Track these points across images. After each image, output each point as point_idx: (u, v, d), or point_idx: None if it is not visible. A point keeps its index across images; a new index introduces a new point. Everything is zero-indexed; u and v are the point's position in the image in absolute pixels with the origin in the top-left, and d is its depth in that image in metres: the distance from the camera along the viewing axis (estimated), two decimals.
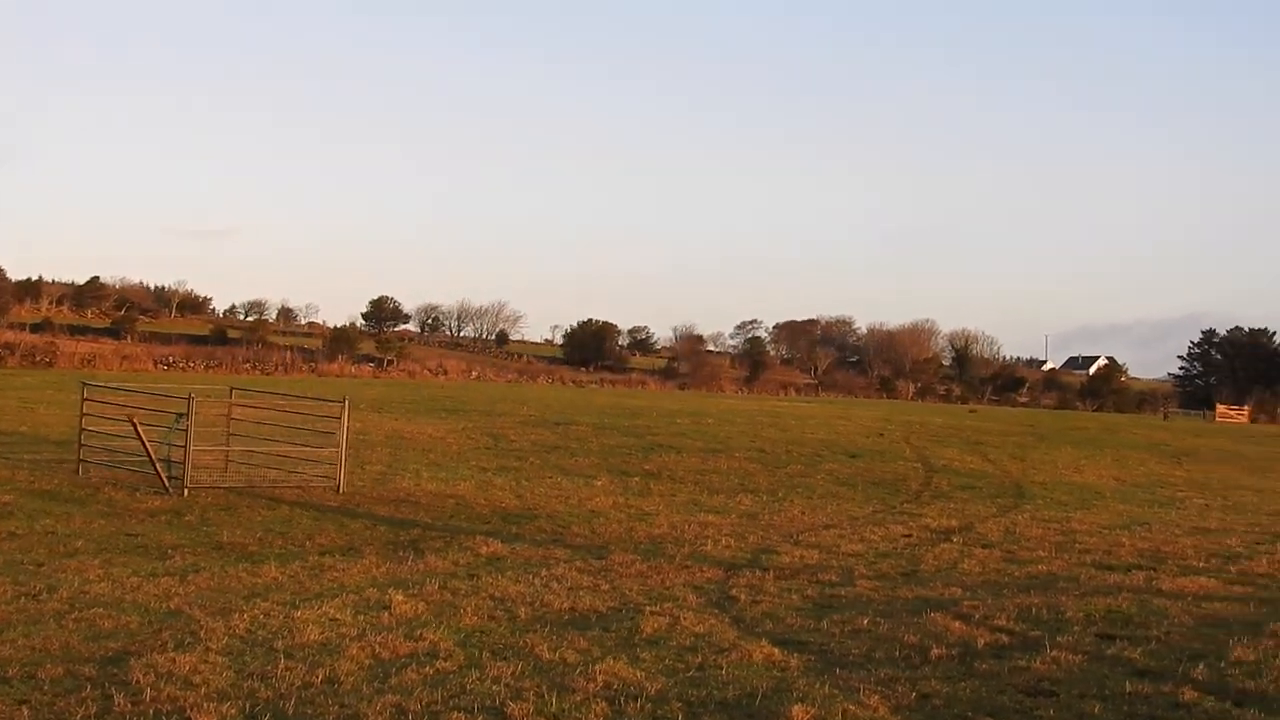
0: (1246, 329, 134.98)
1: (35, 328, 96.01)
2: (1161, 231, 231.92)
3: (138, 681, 9.38)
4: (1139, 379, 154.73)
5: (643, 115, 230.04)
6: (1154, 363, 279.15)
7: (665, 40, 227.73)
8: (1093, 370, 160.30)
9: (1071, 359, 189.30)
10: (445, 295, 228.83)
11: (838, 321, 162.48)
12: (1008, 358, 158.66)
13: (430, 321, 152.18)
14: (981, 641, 11.70)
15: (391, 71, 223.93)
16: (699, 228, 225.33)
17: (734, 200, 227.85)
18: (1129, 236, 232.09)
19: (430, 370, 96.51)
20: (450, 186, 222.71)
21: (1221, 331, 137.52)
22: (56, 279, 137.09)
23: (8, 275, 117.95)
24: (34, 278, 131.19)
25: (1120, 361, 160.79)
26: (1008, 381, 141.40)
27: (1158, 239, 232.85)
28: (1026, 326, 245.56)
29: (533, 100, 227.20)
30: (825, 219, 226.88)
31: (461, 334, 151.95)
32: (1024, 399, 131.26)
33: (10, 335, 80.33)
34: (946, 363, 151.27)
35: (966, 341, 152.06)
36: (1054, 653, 11.15)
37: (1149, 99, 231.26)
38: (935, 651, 11.19)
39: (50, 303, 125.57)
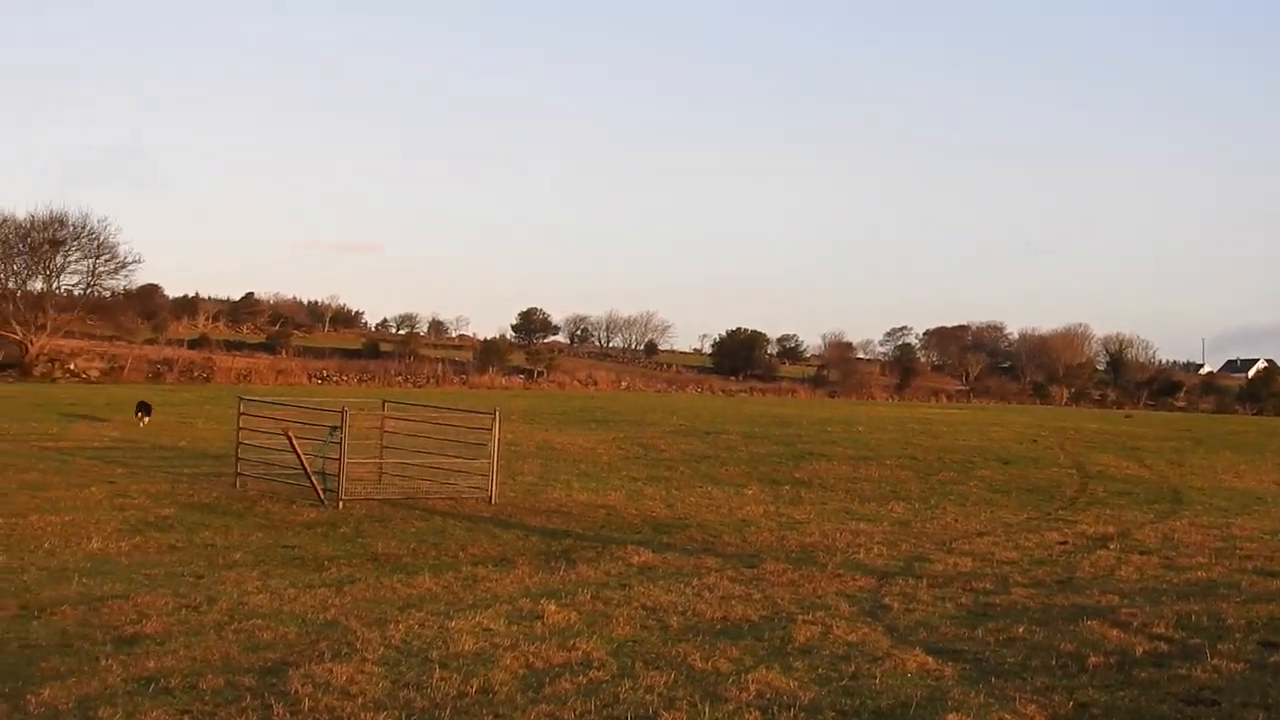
0: None
1: (193, 344, 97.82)
2: None
3: (296, 692, 9.51)
4: None
5: (787, 126, 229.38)
6: None
7: (845, 54, 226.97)
8: (1251, 373, 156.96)
9: (1229, 362, 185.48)
10: (594, 306, 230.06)
11: (989, 327, 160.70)
12: (1164, 361, 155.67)
13: (579, 332, 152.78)
14: (1140, 649, 11.51)
15: (536, 86, 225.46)
16: (848, 235, 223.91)
17: (883, 206, 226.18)
18: None
19: (580, 381, 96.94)
20: (597, 196, 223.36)
21: None
22: (213, 296, 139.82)
23: (165, 293, 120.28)
24: (191, 295, 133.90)
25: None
26: (1164, 386, 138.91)
27: None
28: (1183, 330, 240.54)
29: (685, 112, 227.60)
30: (975, 223, 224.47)
31: (610, 344, 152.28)
32: (1181, 403, 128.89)
33: (169, 351, 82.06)
34: (1101, 367, 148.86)
35: (1121, 345, 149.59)
36: (1215, 661, 10.93)
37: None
38: (1092, 660, 11.02)
39: (207, 319, 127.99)
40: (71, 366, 65.18)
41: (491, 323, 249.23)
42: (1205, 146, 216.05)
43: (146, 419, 37.99)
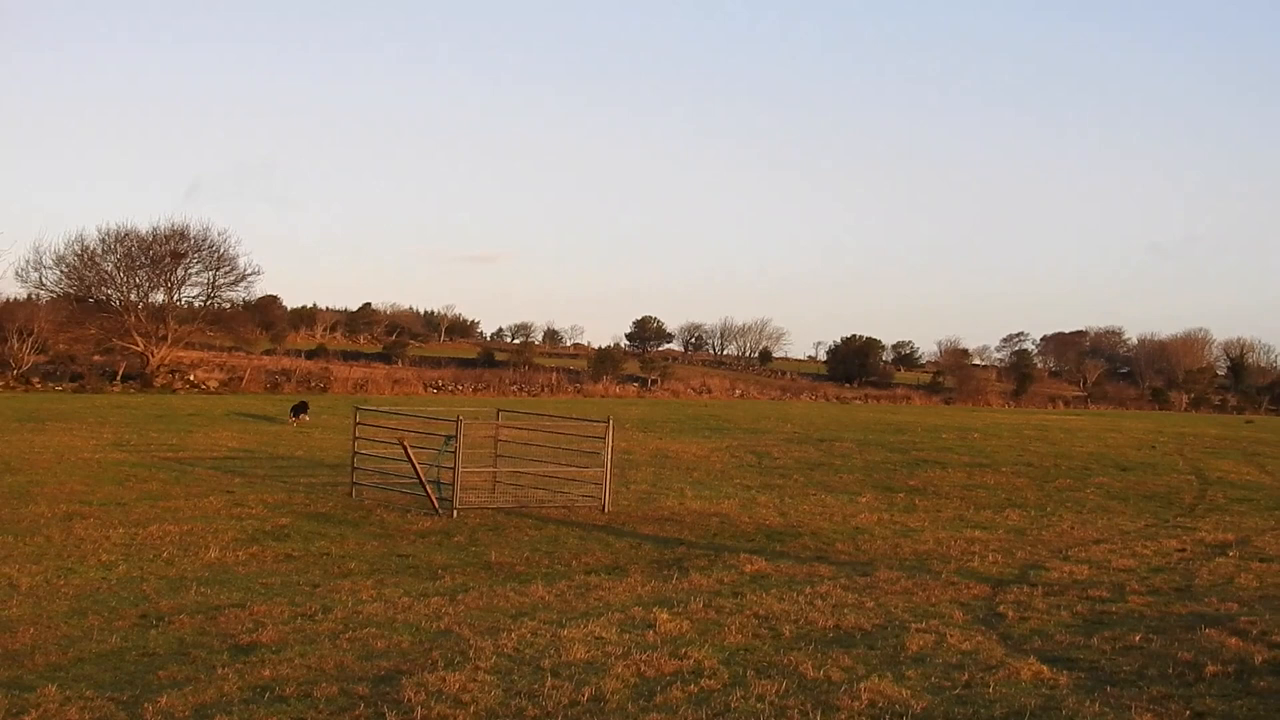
0: None
1: (310, 354, 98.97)
2: None
3: (409, 700, 9.60)
4: None
5: (900, 129, 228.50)
6: None
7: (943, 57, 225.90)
8: None
9: None
10: (708, 314, 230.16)
11: (1107, 332, 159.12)
12: None
13: (693, 340, 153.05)
14: (1259, 658, 11.33)
15: (640, 101, 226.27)
16: (966, 240, 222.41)
17: (1003, 210, 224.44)
18: None
19: (694, 389, 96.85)
20: (712, 202, 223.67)
21: None
22: (330, 306, 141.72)
23: (284, 304, 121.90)
24: (309, 305, 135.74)
25: None
26: None
27: None
28: None
29: (792, 115, 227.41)
30: (1095, 229, 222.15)
31: (725, 352, 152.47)
32: None
33: (287, 361, 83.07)
34: (1221, 372, 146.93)
35: (1242, 350, 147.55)
36: None
37: None
38: (1210, 669, 10.87)
39: (324, 329, 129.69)
40: (191, 377, 66.08)
41: (606, 331, 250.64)
42: None
43: (305, 417, 39.59)
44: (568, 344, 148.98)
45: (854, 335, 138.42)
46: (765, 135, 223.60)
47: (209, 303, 71.53)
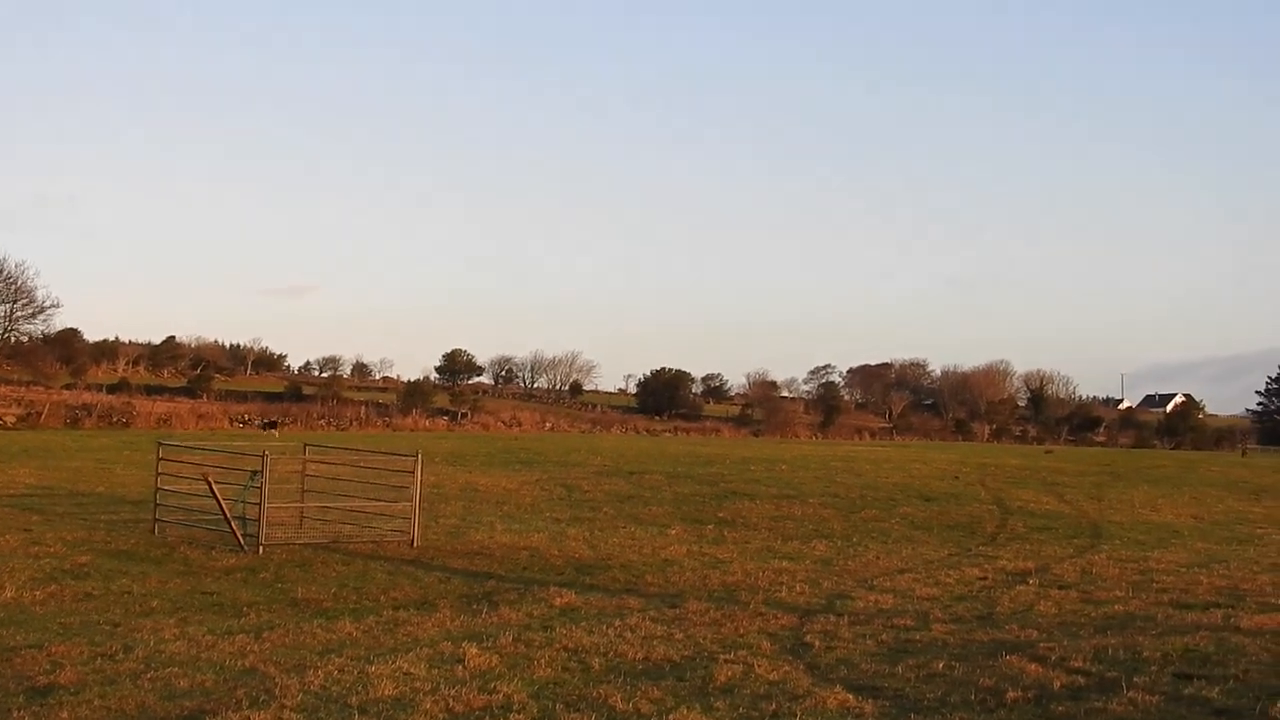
0: None
1: (112, 388, 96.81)
2: (1239, 265, 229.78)
3: None
4: (1217, 416, 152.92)
5: (709, 169, 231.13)
6: (1232, 399, 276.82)
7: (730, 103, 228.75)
8: (1169, 408, 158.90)
9: (1148, 397, 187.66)
10: (518, 347, 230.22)
11: (912, 364, 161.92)
12: (1083, 397, 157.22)
13: (504, 374, 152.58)
14: (1058, 684, 11.57)
15: (459, 127, 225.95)
16: (770, 276, 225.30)
17: (806, 247, 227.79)
18: (1203, 272, 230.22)
19: (504, 422, 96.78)
20: (522, 239, 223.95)
21: None
22: (133, 339, 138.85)
23: (85, 337, 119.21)
24: (111, 339, 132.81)
25: (1197, 398, 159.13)
26: (1084, 421, 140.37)
27: (1234, 273, 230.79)
28: (1102, 365, 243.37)
29: (603, 154, 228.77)
30: (897, 263, 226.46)
31: (535, 385, 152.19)
32: (1100, 438, 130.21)
33: (88, 396, 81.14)
34: (1022, 403, 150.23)
35: (1042, 382, 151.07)
36: (1131, 694, 11.01)
37: (1213, 133, 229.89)
38: (1011, 695, 11.08)
39: (127, 363, 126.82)
40: None
41: (416, 364, 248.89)
42: (1120, 185, 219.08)
43: (274, 432, 39.42)
44: (377, 377, 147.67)
45: (664, 368, 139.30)
46: (574, 163, 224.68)
47: (5, 336, 69.71)
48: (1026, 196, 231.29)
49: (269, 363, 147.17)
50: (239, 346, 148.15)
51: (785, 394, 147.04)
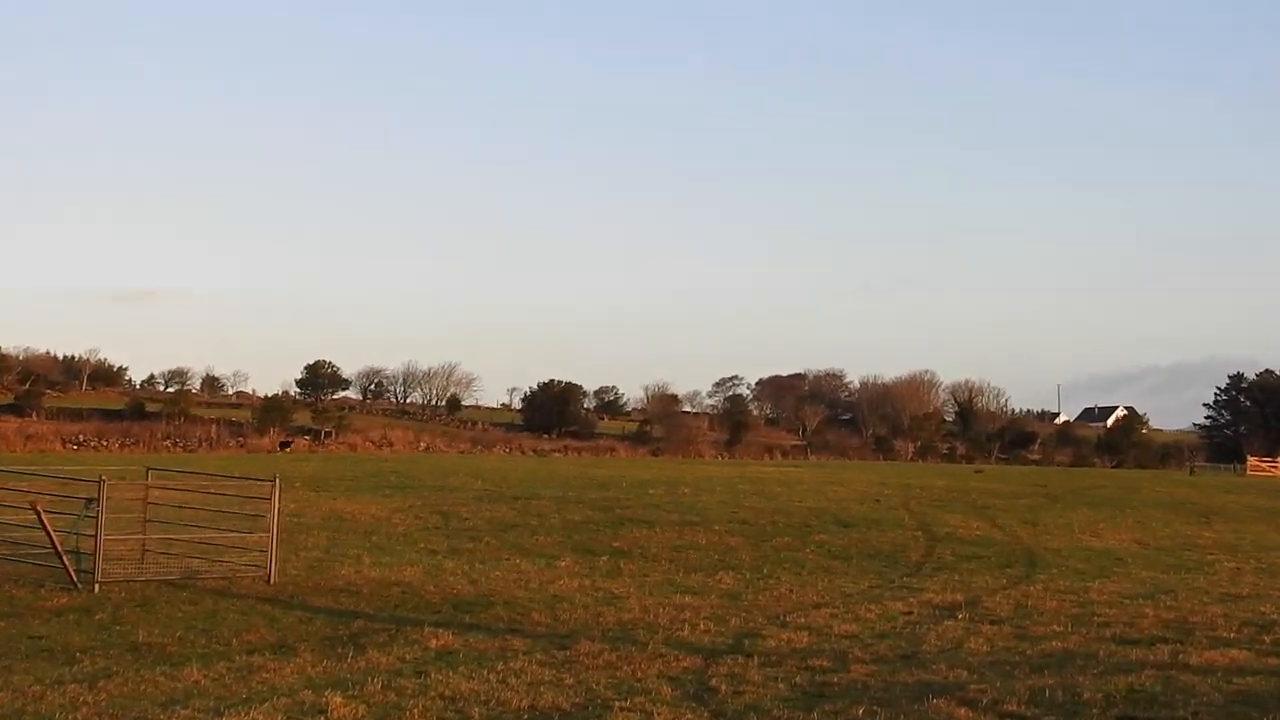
0: (1278, 373, 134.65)
1: None
2: (1178, 267, 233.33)
3: None
4: (1162, 430, 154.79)
5: (601, 169, 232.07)
6: (1178, 412, 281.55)
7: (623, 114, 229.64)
8: (1110, 422, 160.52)
9: (1087, 410, 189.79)
10: (389, 358, 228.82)
11: (827, 375, 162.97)
12: (1016, 410, 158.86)
13: (373, 387, 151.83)
14: None
15: (318, 128, 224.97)
16: (669, 281, 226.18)
17: (711, 248, 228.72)
18: (1142, 274, 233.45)
19: (373, 442, 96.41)
20: (393, 238, 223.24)
21: (1250, 376, 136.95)
22: None
23: None
24: None
25: (1140, 412, 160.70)
26: (1017, 437, 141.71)
27: (1175, 275, 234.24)
28: (1036, 376, 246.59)
29: (487, 145, 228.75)
30: (808, 265, 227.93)
31: (408, 400, 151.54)
32: (1035, 456, 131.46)
33: None
34: (949, 418, 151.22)
35: (970, 394, 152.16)
36: None
37: (1143, 131, 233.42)
38: None
39: None
40: None
41: (274, 378, 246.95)
42: (1051, 183, 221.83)
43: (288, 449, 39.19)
44: (230, 392, 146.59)
45: (552, 381, 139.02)
46: (446, 159, 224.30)
47: None
48: (948, 195, 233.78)
49: (107, 376, 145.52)
50: (73, 358, 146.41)
51: (688, 409, 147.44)
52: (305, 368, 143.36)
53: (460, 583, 24.04)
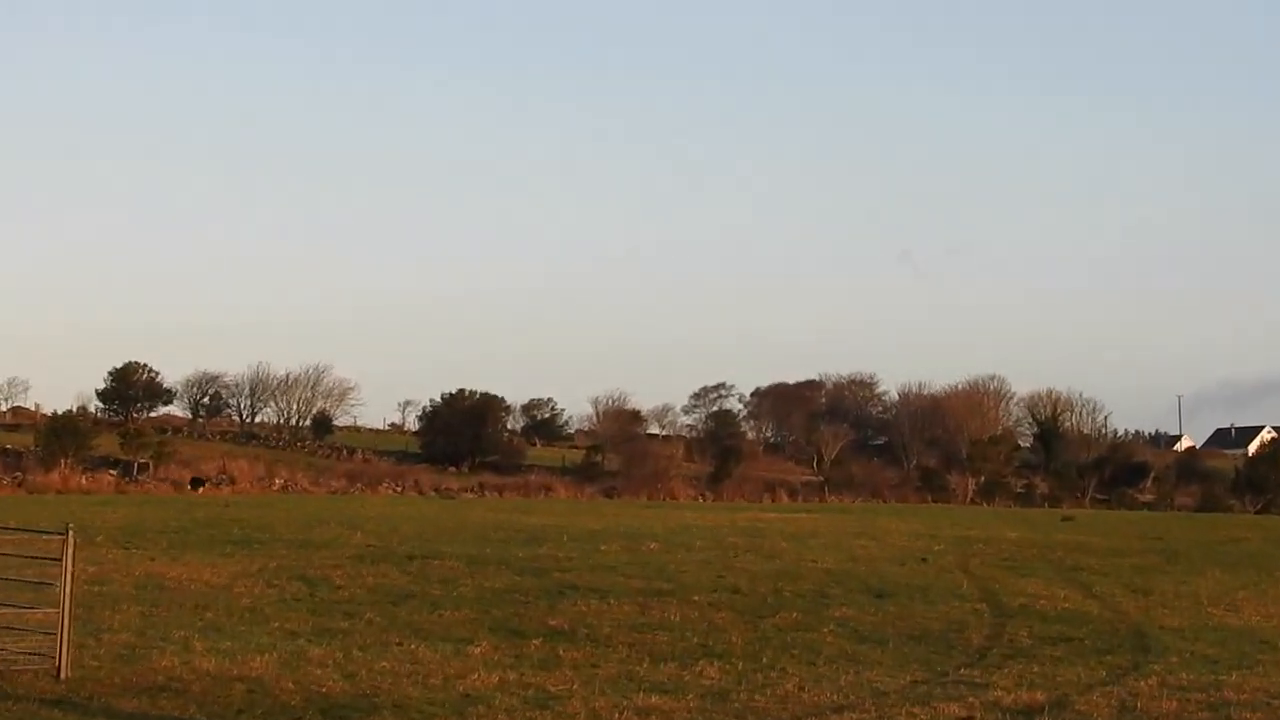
0: None
1: None
2: None
3: None
4: None
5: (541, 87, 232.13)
6: None
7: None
8: (1254, 448, 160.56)
9: (1220, 432, 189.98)
10: (229, 359, 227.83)
11: (852, 383, 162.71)
12: (1120, 433, 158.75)
13: (205, 400, 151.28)
14: None
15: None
16: (626, 241, 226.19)
17: (684, 197, 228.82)
18: None
19: (208, 478, 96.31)
20: (227, 178, 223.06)
21: None
22: None
23: None
24: None
25: None
26: (1121, 470, 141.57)
27: None
28: (1148, 384, 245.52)
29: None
30: (824, 225, 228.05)
31: (256, 419, 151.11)
32: (1148, 496, 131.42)
33: None
34: (1025, 443, 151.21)
35: (1055, 409, 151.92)
36: None
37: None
38: None
39: None
40: None
41: (67, 388, 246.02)
42: (1161, 111, 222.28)
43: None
44: (3, 409, 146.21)
45: (463, 391, 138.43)
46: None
47: None
48: (1020, 129, 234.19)
49: None
50: None
51: (655, 430, 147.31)
52: (111, 373, 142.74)
53: (331, 677, 24.03)
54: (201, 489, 38.10)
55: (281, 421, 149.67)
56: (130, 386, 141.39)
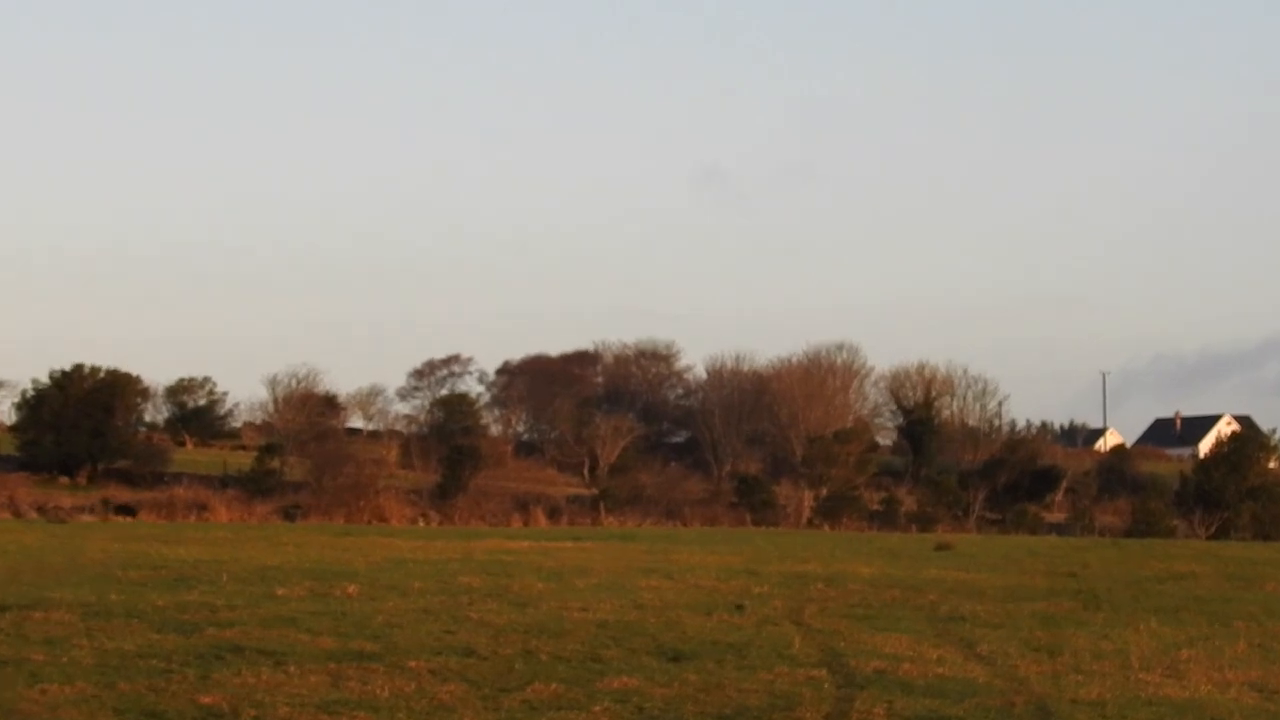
0: None
1: None
2: None
3: None
4: None
5: None
6: None
7: None
8: (1206, 447, 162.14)
9: (1160, 424, 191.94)
10: None
11: (641, 354, 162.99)
12: (1022, 425, 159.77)
13: None
14: None
15: None
16: (309, 153, 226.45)
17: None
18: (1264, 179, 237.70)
19: None
20: None
21: None
22: None
23: None
24: None
25: (1260, 424, 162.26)
26: (1022, 478, 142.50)
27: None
28: (1061, 358, 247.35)
29: None
30: (581, 101, 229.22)
31: None
32: (1058, 514, 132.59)
33: None
34: (887, 440, 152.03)
35: (929, 390, 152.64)
36: None
37: None
38: None
39: None
40: None
41: None
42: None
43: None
44: None
45: (81, 367, 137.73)
46: None
47: None
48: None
49: None
50: None
51: (357, 423, 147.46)
52: None
53: None
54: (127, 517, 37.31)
55: None
56: None
